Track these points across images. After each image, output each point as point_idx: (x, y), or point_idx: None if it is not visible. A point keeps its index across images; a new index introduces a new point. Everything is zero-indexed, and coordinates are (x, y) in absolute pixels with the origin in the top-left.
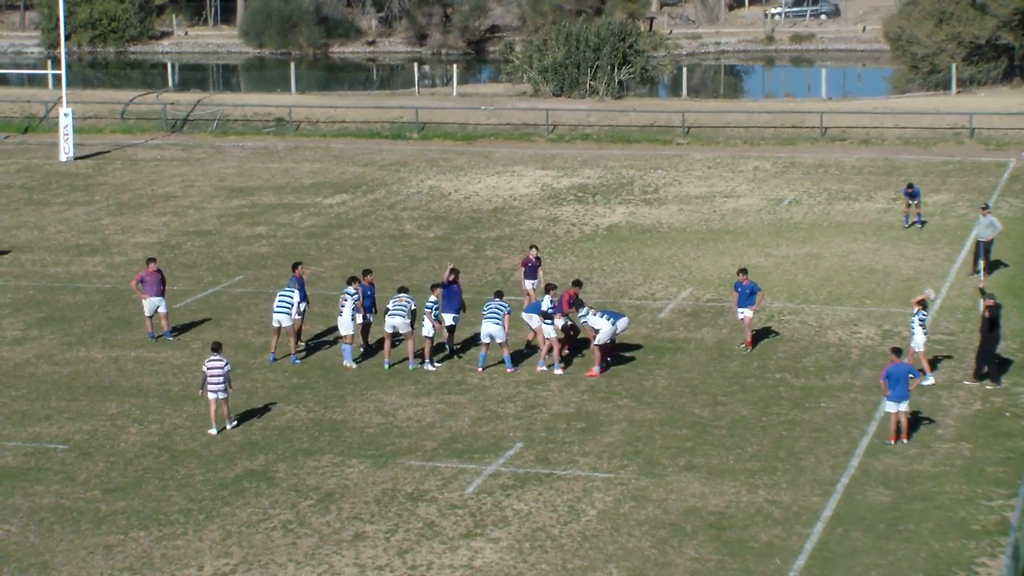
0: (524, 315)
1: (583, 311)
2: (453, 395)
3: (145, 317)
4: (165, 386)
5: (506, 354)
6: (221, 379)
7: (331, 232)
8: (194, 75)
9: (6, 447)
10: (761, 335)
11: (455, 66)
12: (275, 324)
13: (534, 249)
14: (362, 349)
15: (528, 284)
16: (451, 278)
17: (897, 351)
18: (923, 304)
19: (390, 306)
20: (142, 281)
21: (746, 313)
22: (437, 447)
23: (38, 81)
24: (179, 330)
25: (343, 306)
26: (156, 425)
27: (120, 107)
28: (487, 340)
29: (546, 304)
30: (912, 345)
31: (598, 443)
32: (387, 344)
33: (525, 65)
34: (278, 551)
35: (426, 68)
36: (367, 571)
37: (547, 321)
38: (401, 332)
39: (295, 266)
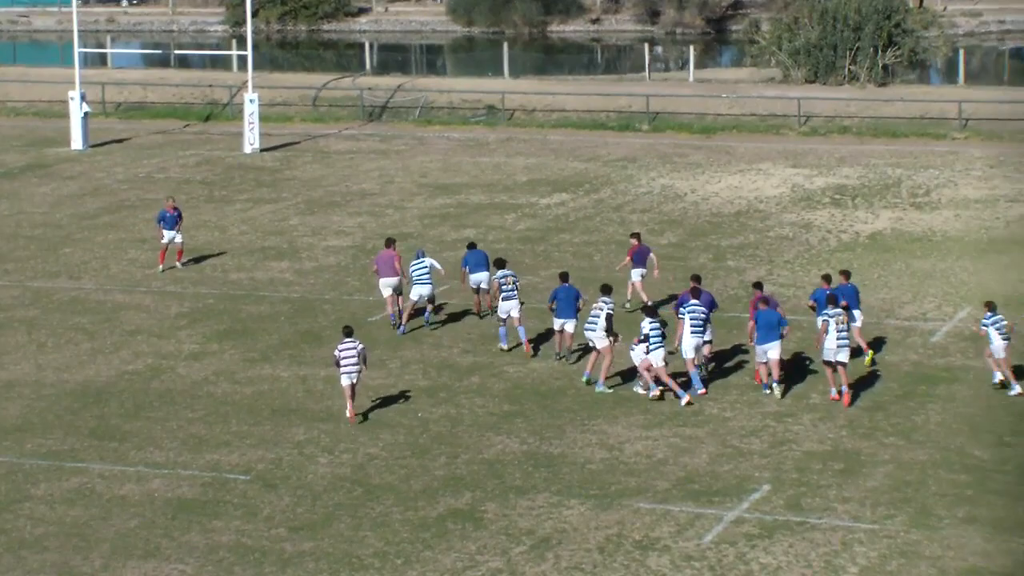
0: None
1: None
2: (689, 427)
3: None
4: (359, 410)
5: (692, 371)
6: (355, 361)
7: (549, 237)
8: (394, 56)
9: (181, 476)
10: None
11: (692, 47)
12: (414, 297)
13: (634, 239)
14: (567, 357)
15: (636, 276)
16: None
17: None
18: (990, 306)
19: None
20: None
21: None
22: (670, 487)
23: (221, 63)
24: (371, 348)
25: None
26: (348, 455)
27: (312, 92)
28: (692, 355)
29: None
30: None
31: (859, 487)
32: (593, 357)
33: (773, 47)
34: None
35: (658, 50)
36: None
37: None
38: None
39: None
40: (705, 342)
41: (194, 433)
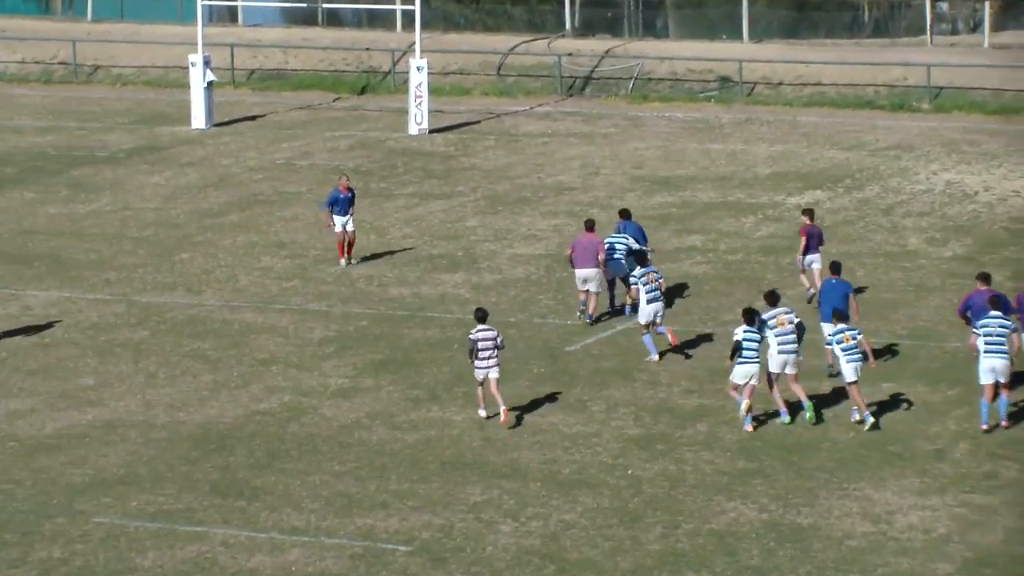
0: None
1: None
2: (979, 493)
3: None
4: (552, 465)
5: (1004, 396)
6: (494, 351)
7: (798, 246)
8: (602, 13)
9: (326, 545)
10: None
11: (987, 4)
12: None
13: (806, 216)
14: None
15: (814, 262)
16: None
17: None
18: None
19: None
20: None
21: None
22: (954, 572)
23: (381, 21)
24: (570, 386)
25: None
26: (538, 522)
27: (496, 59)
28: (990, 379)
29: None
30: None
31: None
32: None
33: None
34: None
35: (943, 6)
36: None
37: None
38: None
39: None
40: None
41: (342, 491)
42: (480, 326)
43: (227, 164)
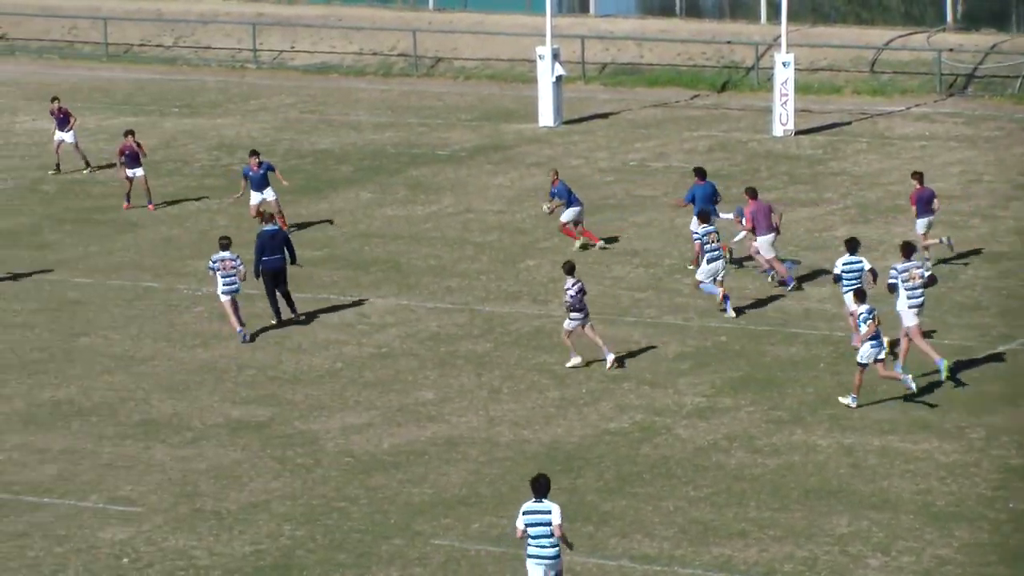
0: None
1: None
2: None
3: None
4: (926, 496)
5: None
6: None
7: None
8: (987, 5)
9: (679, 575)
10: None
11: None
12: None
13: (916, 179)
14: None
15: (921, 226)
16: None
17: None
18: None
19: None
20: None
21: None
22: None
23: (744, 11)
24: (946, 411)
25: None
26: (910, 557)
27: (869, 54)
28: None
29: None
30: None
31: None
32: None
33: None
34: None
35: None
36: None
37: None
38: None
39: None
40: None
41: (697, 518)
42: (571, 279)
43: (576, 165)
